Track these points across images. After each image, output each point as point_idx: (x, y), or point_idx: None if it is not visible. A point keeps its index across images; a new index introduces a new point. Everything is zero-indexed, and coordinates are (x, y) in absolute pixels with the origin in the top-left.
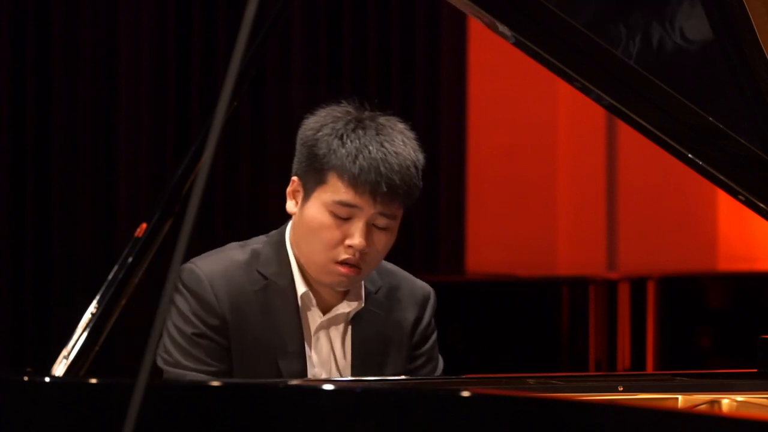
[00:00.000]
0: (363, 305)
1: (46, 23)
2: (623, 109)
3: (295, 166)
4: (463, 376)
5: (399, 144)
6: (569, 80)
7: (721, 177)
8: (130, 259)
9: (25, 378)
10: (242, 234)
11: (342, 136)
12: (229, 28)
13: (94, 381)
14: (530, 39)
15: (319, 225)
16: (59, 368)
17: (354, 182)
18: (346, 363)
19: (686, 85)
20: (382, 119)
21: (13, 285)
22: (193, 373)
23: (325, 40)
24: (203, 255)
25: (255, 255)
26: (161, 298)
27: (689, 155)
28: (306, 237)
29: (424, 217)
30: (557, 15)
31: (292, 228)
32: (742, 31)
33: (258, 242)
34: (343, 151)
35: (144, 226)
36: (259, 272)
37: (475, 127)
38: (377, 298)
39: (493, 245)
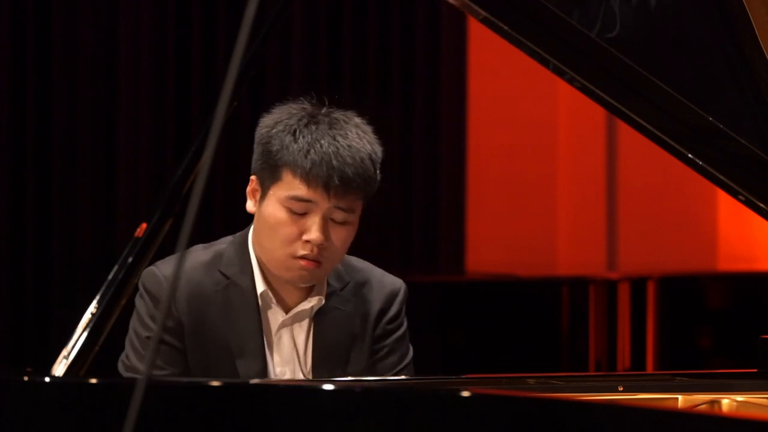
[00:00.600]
0: (324, 301)
1: (46, 23)
2: (623, 109)
3: (252, 164)
4: (463, 376)
5: (353, 137)
6: (569, 80)
7: (721, 177)
8: (130, 259)
9: (25, 378)
10: None
11: (295, 131)
12: (229, 28)
13: (94, 381)
14: (530, 39)
15: (275, 221)
16: (59, 368)
17: (306, 177)
18: (308, 361)
19: (686, 85)
20: (336, 114)
21: (13, 285)
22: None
23: (325, 40)
24: (168, 257)
25: (218, 255)
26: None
27: (689, 155)
28: (265, 234)
29: (424, 217)
30: (557, 15)
31: (253, 227)
32: (742, 31)
33: (223, 242)
34: (296, 146)
35: (144, 226)
36: (221, 272)
37: (475, 127)
38: (342, 295)
39: (493, 245)
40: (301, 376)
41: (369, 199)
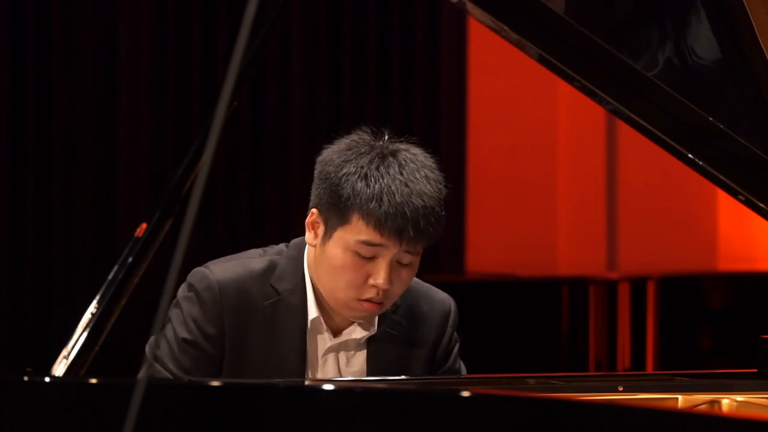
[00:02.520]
0: (375, 330)
1: (46, 23)
2: (623, 109)
3: (314, 198)
4: (463, 376)
5: (422, 181)
6: (569, 80)
7: (721, 177)
8: (130, 259)
9: (25, 378)
10: (242, 234)
11: (366, 176)
12: (229, 28)
13: (94, 381)
14: (530, 39)
15: (342, 264)
16: (59, 368)
17: (380, 226)
18: None
19: (686, 85)
20: (404, 153)
21: (13, 285)
22: (167, 374)
23: (325, 40)
24: (220, 259)
25: (272, 266)
26: (161, 298)
27: (689, 155)
28: (329, 274)
29: None
30: (557, 15)
31: (314, 259)
32: (742, 31)
33: (278, 253)
34: (368, 192)
35: (144, 226)
36: (272, 286)
37: (475, 127)
38: (395, 319)
39: (493, 245)
40: None
41: (434, 241)
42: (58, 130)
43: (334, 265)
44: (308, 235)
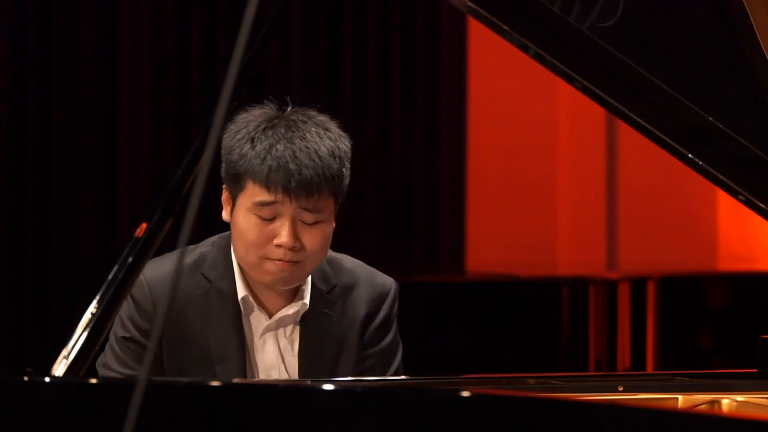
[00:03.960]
0: (308, 306)
1: (46, 23)
2: (623, 109)
3: (222, 174)
4: (463, 376)
5: (311, 137)
6: (569, 80)
7: (721, 177)
8: (130, 259)
9: (25, 378)
10: None
11: (252, 139)
12: (229, 28)
13: (94, 381)
14: (530, 39)
15: (245, 228)
16: (59, 368)
17: (266, 183)
18: (295, 365)
19: (686, 85)
20: (294, 116)
21: (13, 285)
22: (115, 375)
23: (325, 40)
24: (153, 259)
25: (202, 258)
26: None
27: (689, 155)
28: (238, 242)
29: (424, 217)
30: (557, 15)
31: (231, 235)
32: (742, 31)
33: (207, 244)
34: (253, 153)
35: (144, 226)
36: (204, 275)
37: (475, 127)
38: (329, 298)
39: (493, 245)
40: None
41: (341, 197)
42: (58, 130)
43: (240, 231)
44: (224, 213)
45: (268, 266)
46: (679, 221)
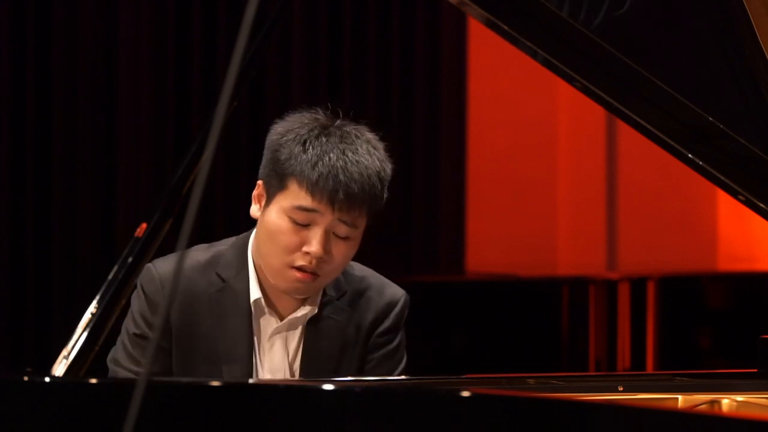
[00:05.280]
0: (316, 310)
1: (46, 23)
2: (623, 109)
3: (260, 170)
4: (463, 376)
5: (363, 153)
6: (569, 80)
7: (721, 177)
8: (130, 259)
9: (25, 378)
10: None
11: (305, 142)
12: (229, 29)
13: (94, 381)
14: (530, 39)
15: (277, 229)
16: (59, 368)
17: (312, 188)
18: (297, 368)
19: (686, 85)
20: (348, 128)
21: (13, 285)
22: (125, 372)
23: (325, 41)
24: (167, 256)
25: (217, 256)
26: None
27: (689, 155)
28: (265, 241)
29: (424, 217)
30: (557, 15)
31: (256, 233)
32: (742, 31)
33: (224, 244)
34: (304, 157)
35: (144, 226)
36: (218, 274)
37: (475, 127)
38: (338, 305)
39: (493, 245)
40: None
41: (374, 217)
42: (58, 130)
43: (271, 230)
44: (253, 208)
45: (289, 273)
46: (679, 221)
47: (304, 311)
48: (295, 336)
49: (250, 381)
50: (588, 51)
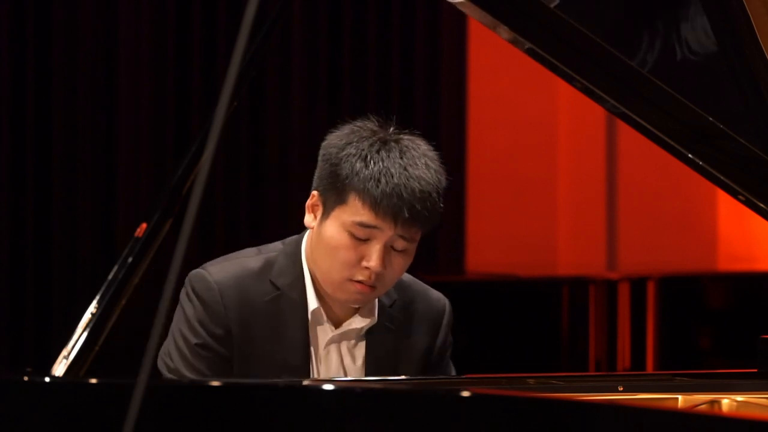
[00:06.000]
0: (376, 321)
1: (46, 23)
2: (623, 109)
3: (316, 180)
4: (463, 376)
5: (422, 168)
6: (569, 80)
7: (721, 177)
8: (130, 259)
9: (25, 378)
10: (242, 234)
11: (366, 157)
12: (229, 29)
13: (94, 381)
14: (531, 39)
15: (337, 244)
16: (59, 368)
17: (375, 206)
18: (358, 377)
19: (686, 85)
20: (406, 140)
21: (13, 285)
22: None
23: (325, 41)
24: (217, 260)
25: (269, 264)
26: (161, 298)
27: (689, 155)
28: (323, 254)
29: None
30: (557, 15)
31: (310, 243)
32: (742, 31)
33: (273, 250)
34: (366, 173)
35: (144, 226)
36: (272, 282)
37: (475, 127)
38: (391, 313)
39: (493, 245)
40: None
41: (429, 230)
42: (58, 130)
43: (330, 245)
44: (307, 218)
45: (348, 286)
46: (679, 221)
47: (363, 323)
48: (350, 345)
49: (250, 381)
50: (588, 51)
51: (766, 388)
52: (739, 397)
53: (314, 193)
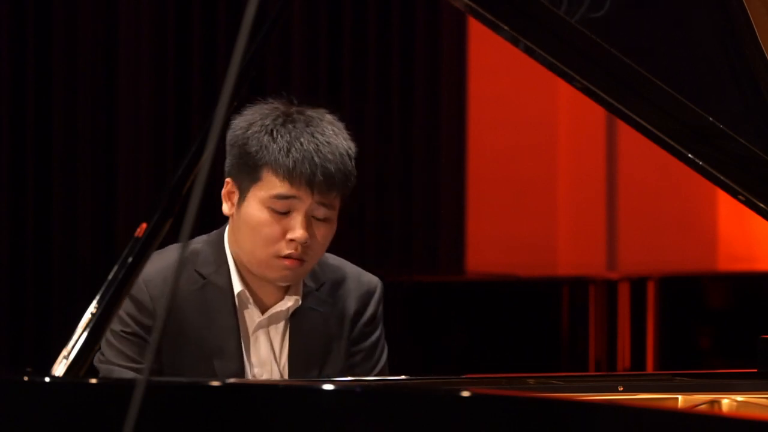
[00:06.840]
0: (300, 302)
1: (46, 23)
2: (623, 109)
3: (227, 167)
4: (463, 376)
5: (330, 134)
6: (569, 80)
7: (721, 177)
8: (130, 259)
9: (25, 378)
10: None
11: (272, 131)
12: (229, 29)
13: (94, 381)
14: (530, 39)
15: (258, 222)
16: (59, 368)
17: (289, 175)
18: (284, 362)
19: (686, 85)
20: (309, 112)
21: (13, 285)
22: (119, 369)
23: (325, 40)
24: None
25: (193, 254)
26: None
27: (689, 155)
28: (246, 235)
29: (424, 217)
30: (557, 14)
31: (231, 229)
32: (742, 31)
33: (198, 242)
34: (275, 146)
35: (144, 226)
36: (197, 272)
37: (475, 127)
38: (319, 296)
39: (493, 245)
40: (277, 377)
41: (347, 196)
42: (58, 130)
43: (251, 224)
44: (225, 206)
45: (276, 263)
46: (679, 221)
47: (288, 304)
48: (279, 329)
49: (250, 381)
50: (588, 51)
51: (766, 388)
52: (739, 397)
53: (228, 180)
